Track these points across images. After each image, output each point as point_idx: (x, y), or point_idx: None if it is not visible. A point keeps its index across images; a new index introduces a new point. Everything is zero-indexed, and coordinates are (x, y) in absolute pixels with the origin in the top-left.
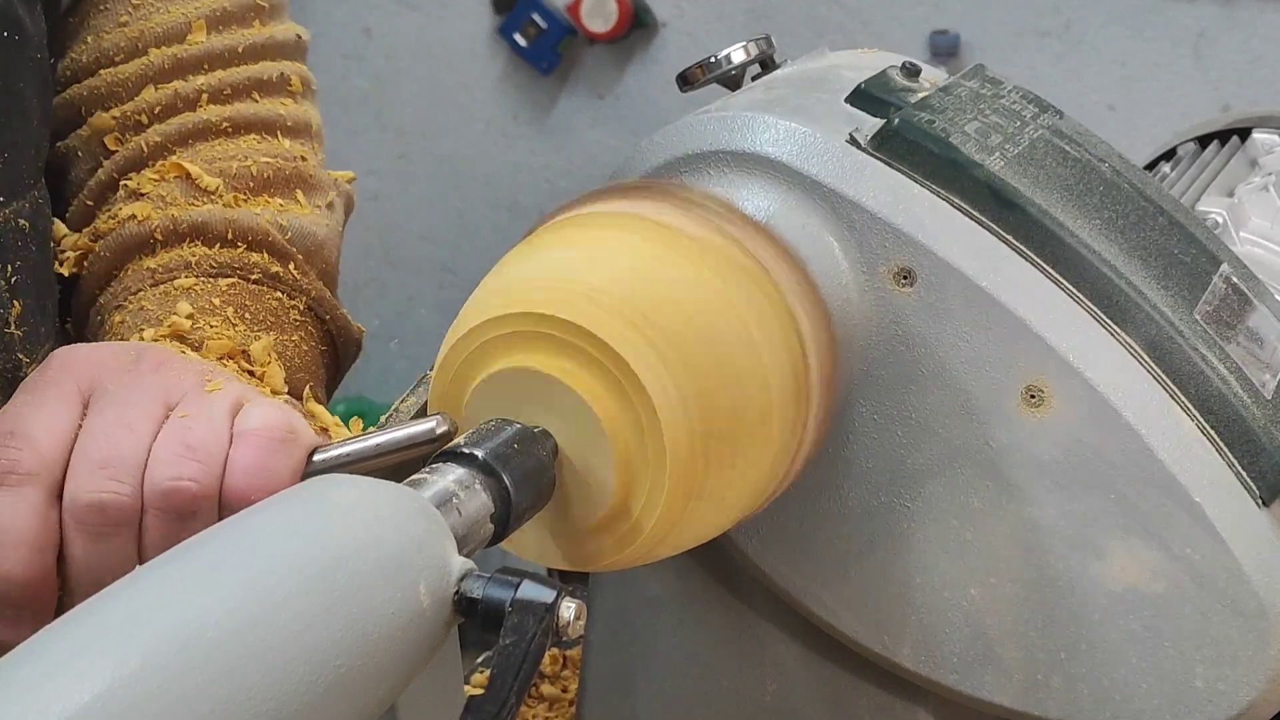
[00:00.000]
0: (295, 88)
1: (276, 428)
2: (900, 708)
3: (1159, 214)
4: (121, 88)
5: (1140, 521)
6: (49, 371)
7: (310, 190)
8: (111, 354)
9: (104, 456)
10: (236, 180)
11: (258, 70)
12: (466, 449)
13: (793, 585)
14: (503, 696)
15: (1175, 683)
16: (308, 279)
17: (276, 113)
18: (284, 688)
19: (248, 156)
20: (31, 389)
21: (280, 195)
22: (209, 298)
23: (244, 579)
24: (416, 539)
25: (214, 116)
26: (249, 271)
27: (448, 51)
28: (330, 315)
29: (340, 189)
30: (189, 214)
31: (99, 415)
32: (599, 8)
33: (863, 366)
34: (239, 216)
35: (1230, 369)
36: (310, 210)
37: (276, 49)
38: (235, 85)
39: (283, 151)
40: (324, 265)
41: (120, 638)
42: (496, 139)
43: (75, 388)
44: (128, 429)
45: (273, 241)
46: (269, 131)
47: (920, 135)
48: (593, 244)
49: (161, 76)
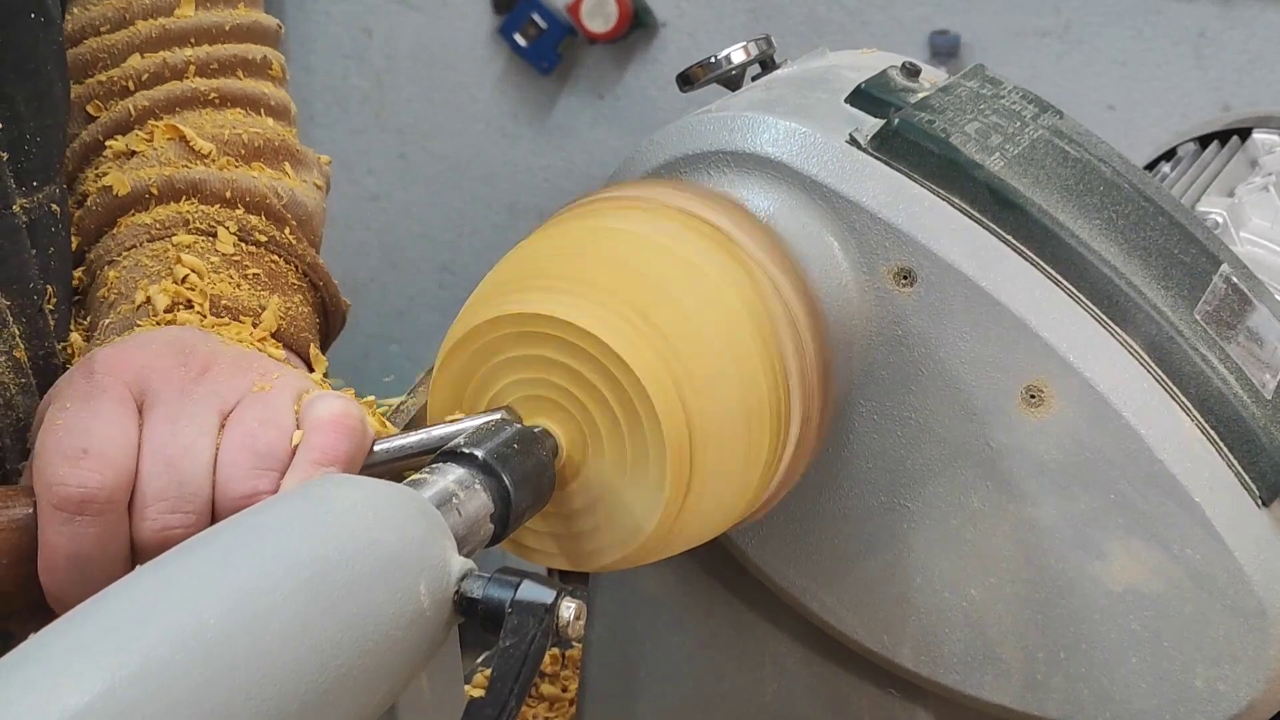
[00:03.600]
0: (276, 72)
1: (350, 414)
2: (900, 708)
3: (1159, 214)
4: (107, 54)
5: (1140, 521)
6: (96, 376)
7: (298, 165)
8: (157, 355)
9: (166, 484)
10: (229, 146)
11: (243, 50)
12: (466, 449)
13: (793, 585)
14: (503, 699)
15: (1175, 682)
16: (302, 245)
17: (261, 91)
18: (284, 688)
19: (237, 126)
20: (85, 397)
21: (271, 165)
22: (208, 256)
23: (244, 579)
24: (416, 539)
25: (202, 86)
26: (249, 234)
27: (448, 51)
28: (324, 282)
29: (323, 170)
30: (186, 173)
31: (156, 433)
32: (599, 8)
33: (863, 367)
34: (237, 178)
35: (1230, 369)
36: (299, 182)
37: (260, 32)
38: (222, 60)
39: (269, 128)
40: (313, 237)
41: (120, 638)
42: (496, 139)
43: (127, 392)
44: (186, 452)
45: (270, 205)
46: (254, 108)
47: (920, 135)
48: (594, 244)
49: (149, 46)
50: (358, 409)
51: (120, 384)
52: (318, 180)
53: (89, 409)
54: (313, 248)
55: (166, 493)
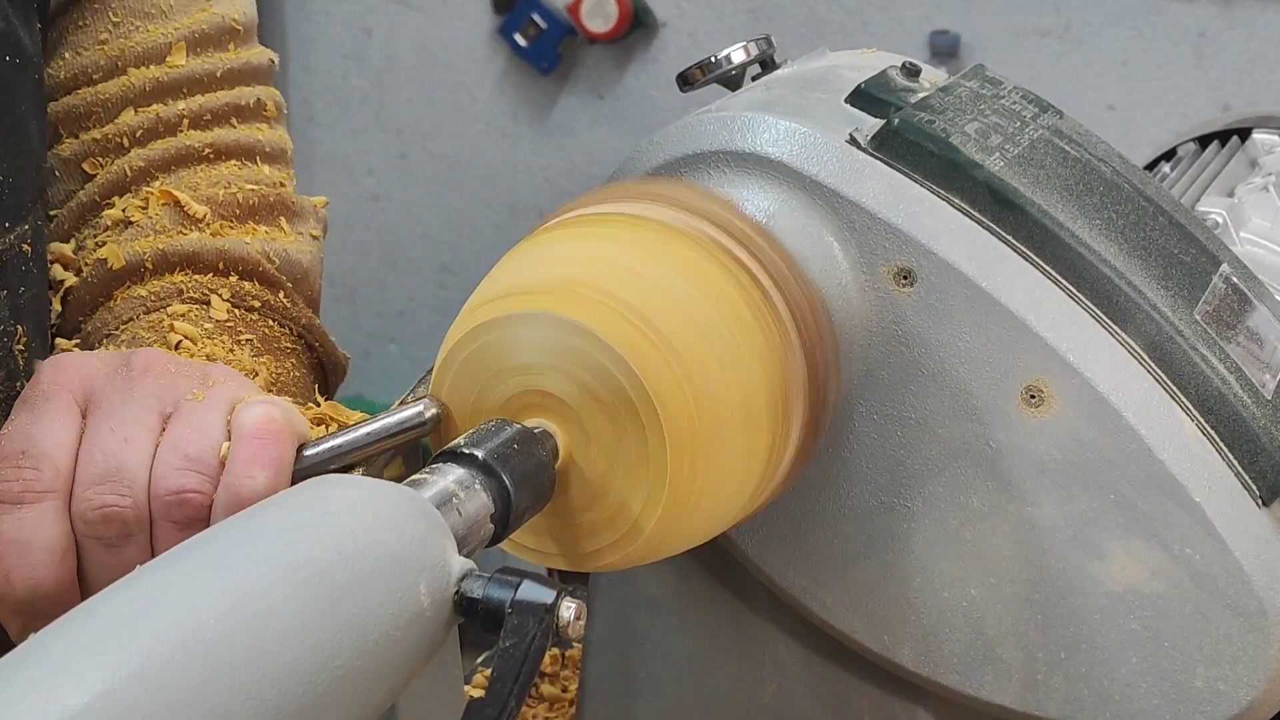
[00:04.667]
0: (270, 113)
1: (271, 420)
2: (900, 708)
3: (1159, 214)
4: (101, 108)
5: (1140, 521)
6: (42, 385)
7: (293, 217)
8: (102, 361)
9: (104, 470)
10: (223, 208)
11: (235, 95)
12: (467, 449)
13: (793, 585)
14: (503, 699)
15: (1175, 682)
16: (297, 307)
17: (255, 139)
18: (283, 688)
19: (231, 183)
20: (30, 405)
21: (265, 223)
22: (202, 323)
23: (242, 579)
24: (416, 539)
25: (196, 142)
26: (242, 300)
27: (448, 51)
28: (320, 343)
29: (319, 215)
30: (178, 243)
31: (96, 429)
32: (599, 8)
33: (863, 367)
34: (229, 246)
35: (1230, 369)
36: (294, 237)
37: (252, 73)
38: (215, 110)
39: (264, 177)
40: (309, 293)
41: (119, 638)
42: (496, 139)
43: (72, 399)
44: (125, 443)
45: (263, 270)
46: (249, 158)
47: (920, 135)
48: (593, 244)
49: (142, 99)
50: (281, 414)
51: (65, 392)
52: (314, 230)
53: (33, 416)
54: (310, 304)
55: (105, 476)
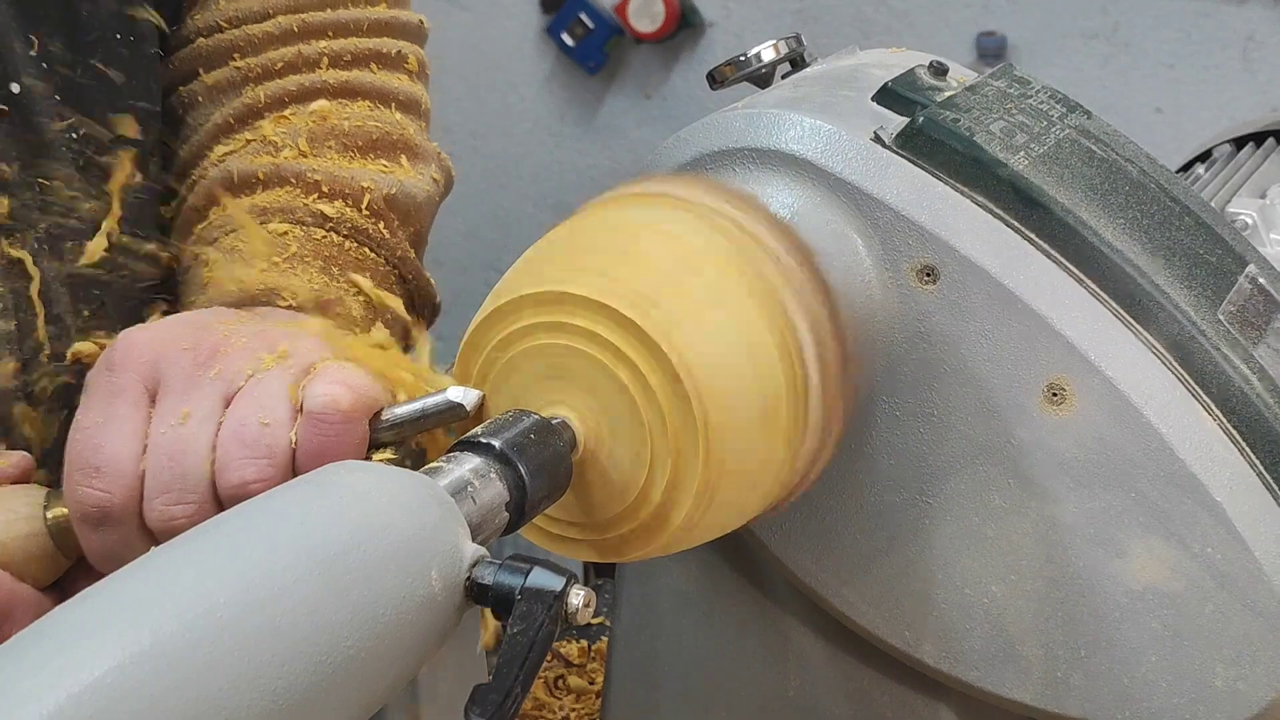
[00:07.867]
0: (411, 66)
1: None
2: (922, 704)
3: (1185, 214)
4: (246, 43)
5: (1161, 520)
6: (114, 370)
7: (414, 158)
8: (173, 337)
9: (170, 478)
10: (347, 138)
11: (378, 43)
12: (483, 438)
13: (815, 580)
14: (508, 685)
15: (1195, 681)
16: (395, 238)
17: (391, 85)
18: (293, 667)
19: (360, 118)
20: (100, 394)
21: (385, 158)
22: (299, 245)
23: (255, 561)
24: (429, 525)
25: (332, 79)
26: (340, 225)
27: (495, 51)
28: (413, 275)
29: (442, 164)
30: (295, 164)
31: (162, 421)
32: (646, 7)
33: (885, 363)
34: (339, 171)
35: (1253, 369)
36: (414, 174)
37: (399, 28)
38: (355, 54)
39: (394, 120)
40: (417, 227)
41: (131, 616)
42: (543, 138)
43: (141, 386)
44: (187, 444)
45: (370, 200)
46: (382, 101)
47: (945, 133)
48: (622, 236)
49: (287, 38)
50: (347, 392)
51: (135, 379)
52: (435, 174)
53: (103, 414)
54: (415, 239)
55: (170, 485)
